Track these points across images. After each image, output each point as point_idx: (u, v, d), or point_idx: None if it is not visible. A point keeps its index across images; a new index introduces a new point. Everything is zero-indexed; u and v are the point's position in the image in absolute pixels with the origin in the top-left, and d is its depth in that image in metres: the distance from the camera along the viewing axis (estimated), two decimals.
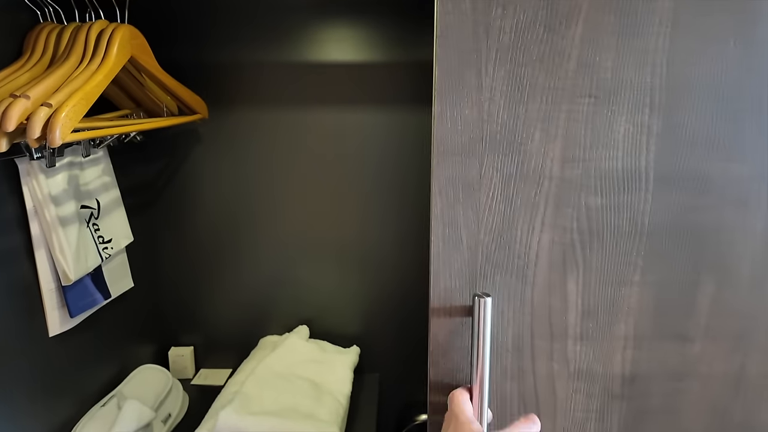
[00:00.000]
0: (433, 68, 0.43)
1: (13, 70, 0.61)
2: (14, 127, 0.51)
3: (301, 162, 0.95)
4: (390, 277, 1.01)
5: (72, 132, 0.54)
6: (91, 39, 0.63)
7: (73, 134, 0.54)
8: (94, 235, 0.76)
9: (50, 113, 0.52)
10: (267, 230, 0.99)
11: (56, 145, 0.51)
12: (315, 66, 0.90)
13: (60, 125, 0.51)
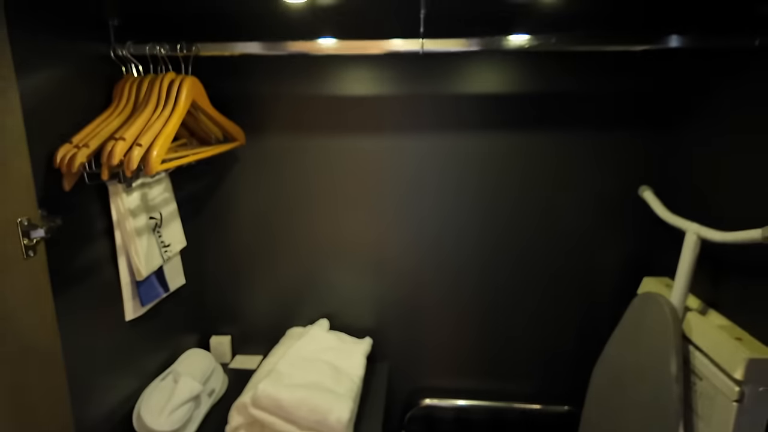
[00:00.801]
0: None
1: (107, 116, 0.79)
2: (117, 162, 0.69)
3: (325, 180, 1.11)
4: (400, 280, 1.16)
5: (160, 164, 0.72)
6: (163, 89, 0.81)
7: (161, 165, 0.72)
8: (158, 240, 0.94)
9: (143, 151, 0.70)
10: (294, 238, 1.15)
11: (150, 174, 0.69)
12: (336, 98, 1.06)
13: (152, 161, 0.69)
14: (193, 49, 0.83)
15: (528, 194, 1.08)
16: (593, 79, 0.99)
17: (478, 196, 1.09)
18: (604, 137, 1.03)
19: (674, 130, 1.00)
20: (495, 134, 1.05)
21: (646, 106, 1.00)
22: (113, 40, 0.83)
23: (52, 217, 0.69)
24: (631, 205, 1.05)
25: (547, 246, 1.11)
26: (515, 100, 1.02)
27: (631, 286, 1.06)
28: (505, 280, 1.14)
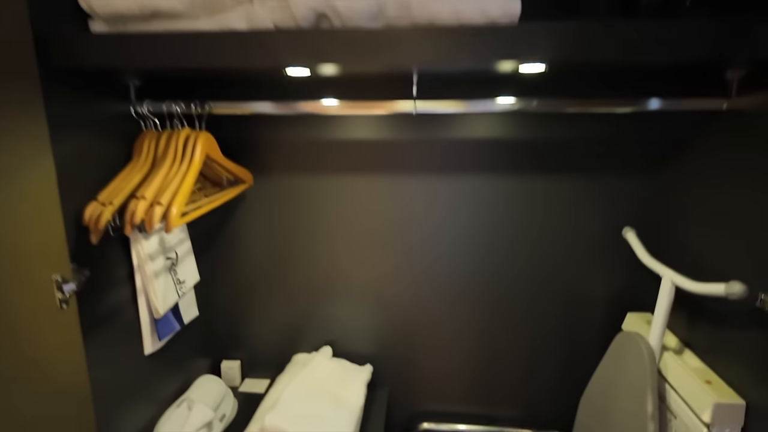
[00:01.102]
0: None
1: (129, 171, 0.87)
2: (140, 221, 0.77)
3: (328, 216, 1.19)
4: (398, 310, 1.23)
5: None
6: (179, 144, 0.89)
7: (180, 221, 0.80)
8: (174, 278, 1.02)
9: (164, 210, 0.78)
10: (300, 269, 1.23)
11: (170, 232, 0.77)
12: (337, 142, 1.14)
13: (172, 219, 0.77)
14: (206, 107, 0.91)
15: (519, 231, 1.14)
16: (581, 128, 1.05)
17: (471, 234, 1.16)
18: (590, 180, 1.09)
19: (655, 176, 1.06)
20: (488, 176, 1.11)
21: (630, 152, 1.06)
22: (133, 98, 0.91)
23: (82, 270, 0.77)
24: (617, 244, 1.11)
25: (537, 280, 1.17)
26: (507, 145, 1.08)
27: (617, 318, 1.12)
28: (498, 311, 1.20)
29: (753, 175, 0.77)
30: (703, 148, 0.91)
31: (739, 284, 0.73)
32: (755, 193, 0.76)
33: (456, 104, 0.87)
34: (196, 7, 0.73)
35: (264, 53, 0.68)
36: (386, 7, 0.69)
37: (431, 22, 0.69)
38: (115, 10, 0.74)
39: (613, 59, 0.63)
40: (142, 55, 0.70)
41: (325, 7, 0.69)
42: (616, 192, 1.09)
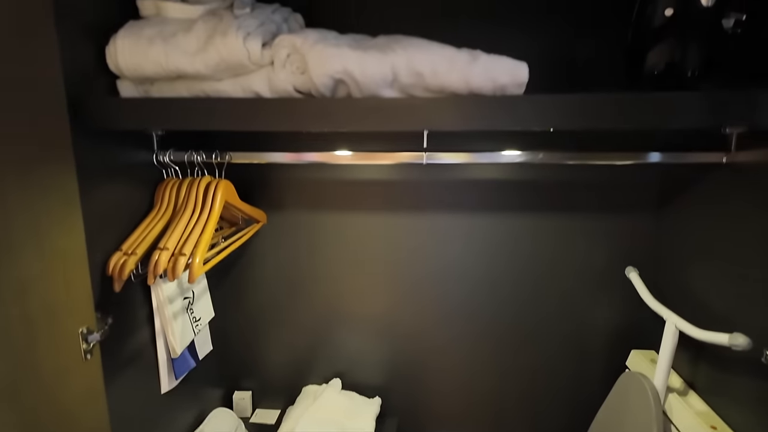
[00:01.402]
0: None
1: (151, 219, 0.91)
2: (162, 271, 0.80)
3: (337, 250, 1.22)
4: (406, 341, 1.26)
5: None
6: (200, 192, 0.92)
7: (202, 268, 0.83)
8: (190, 316, 1.05)
9: (187, 260, 0.81)
10: (309, 302, 1.26)
11: (193, 282, 0.80)
12: (348, 181, 1.17)
13: (195, 270, 0.80)
14: (227, 157, 0.94)
15: (525, 268, 1.17)
16: (585, 171, 1.08)
17: (478, 269, 1.19)
18: (595, 220, 1.12)
19: (658, 217, 1.09)
20: (495, 215, 1.14)
21: (633, 195, 1.09)
22: (156, 149, 0.95)
23: (105, 318, 0.81)
24: (622, 282, 1.13)
25: (542, 315, 1.20)
26: (514, 186, 1.12)
27: (621, 355, 1.14)
28: (504, 345, 1.23)
29: (754, 227, 0.80)
30: (705, 195, 0.94)
31: (742, 336, 0.76)
32: (758, 245, 0.79)
33: (464, 156, 0.91)
34: (220, 70, 0.77)
35: (284, 119, 0.72)
36: (400, 75, 0.72)
37: (442, 89, 0.73)
38: (142, 73, 0.78)
39: (617, 128, 0.66)
40: (168, 119, 0.74)
41: (343, 74, 0.73)
42: (621, 232, 1.12)
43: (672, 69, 0.70)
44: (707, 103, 0.64)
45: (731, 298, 0.86)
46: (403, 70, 0.73)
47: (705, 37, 0.67)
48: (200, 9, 0.82)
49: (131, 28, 0.79)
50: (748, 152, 0.81)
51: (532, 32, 1.01)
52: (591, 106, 0.65)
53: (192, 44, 0.76)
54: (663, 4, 0.68)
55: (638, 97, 0.65)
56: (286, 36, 0.75)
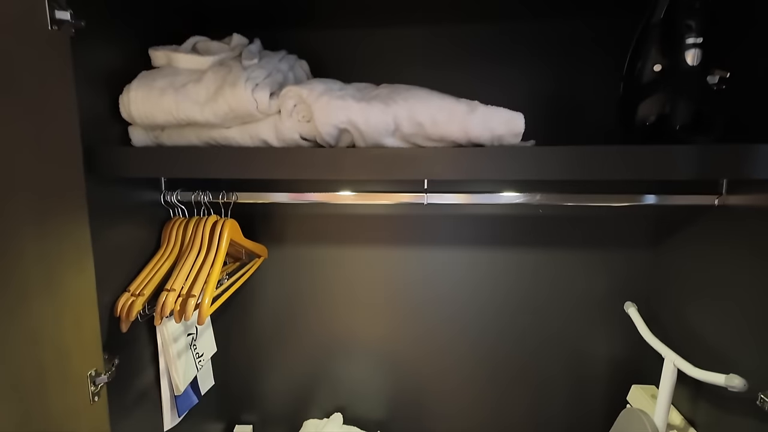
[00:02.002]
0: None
1: (158, 259, 0.93)
2: (169, 312, 0.82)
3: (338, 283, 1.24)
4: (406, 376, 1.27)
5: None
6: (206, 232, 0.95)
7: (211, 309, 0.85)
8: (193, 353, 1.06)
9: (196, 301, 0.83)
10: (310, 335, 1.27)
11: (203, 324, 0.82)
12: (348, 216, 1.20)
13: (204, 312, 0.82)
14: (233, 197, 0.97)
15: (526, 301, 1.19)
16: (582, 208, 1.11)
17: (478, 304, 1.20)
18: (594, 254, 1.14)
19: (654, 254, 1.11)
20: (495, 249, 1.17)
21: (629, 231, 1.12)
22: (164, 189, 0.98)
23: (112, 359, 0.82)
24: (621, 316, 1.15)
25: (544, 348, 1.21)
26: (513, 220, 1.14)
27: (622, 389, 1.15)
28: (505, 377, 1.23)
29: (746, 268, 0.82)
30: (699, 234, 0.96)
31: (738, 378, 0.77)
32: (750, 286, 0.81)
33: (464, 197, 0.94)
34: (229, 119, 0.80)
35: (290, 167, 0.74)
36: (401, 125, 0.76)
37: (442, 138, 0.76)
38: (153, 121, 0.81)
39: (608, 178, 0.69)
40: (178, 167, 0.77)
41: (347, 124, 0.76)
42: (619, 267, 1.14)
43: (663, 121, 0.73)
44: (703, 157, 0.67)
45: (728, 337, 0.88)
46: (404, 121, 0.76)
47: (692, 92, 0.70)
48: (210, 60, 0.85)
49: (144, 78, 0.82)
50: (738, 196, 0.84)
51: (527, 75, 1.06)
52: (589, 158, 0.68)
53: (202, 94, 0.80)
54: (652, 60, 0.72)
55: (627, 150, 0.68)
56: (293, 87, 0.79)
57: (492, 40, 1.06)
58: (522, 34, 1.05)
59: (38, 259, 0.65)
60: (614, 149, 0.68)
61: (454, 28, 1.06)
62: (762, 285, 0.78)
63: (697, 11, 0.69)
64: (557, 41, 1.04)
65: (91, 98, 0.79)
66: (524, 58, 1.05)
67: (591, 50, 1.03)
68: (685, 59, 0.68)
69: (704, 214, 0.94)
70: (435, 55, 1.07)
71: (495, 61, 1.06)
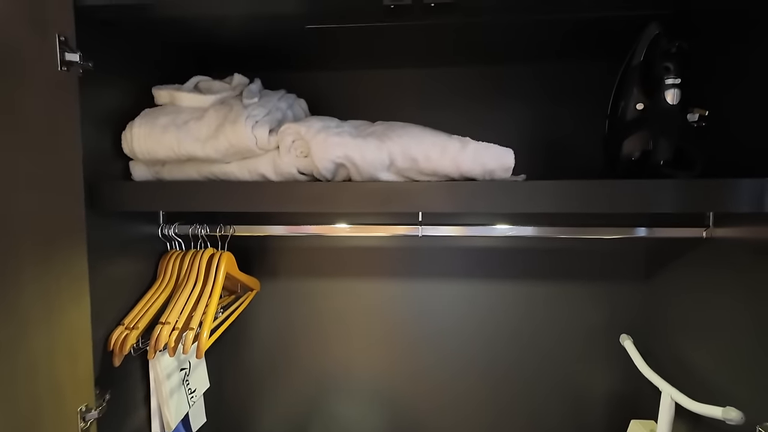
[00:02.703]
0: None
1: (153, 292, 0.93)
2: (163, 346, 0.82)
3: (331, 316, 1.23)
4: (404, 411, 1.24)
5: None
6: (203, 264, 0.95)
7: (209, 342, 0.85)
8: (186, 389, 1.04)
9: (194, 335, 0.83)
10: (303, 370, 1.25)
11: (201, 357, 0.81)
12: (341, 248, 1.21)
13: (203, 343, 0.82)
14: (230, 230, 0.98)
15: (521, 335, 1.19)
16: (574, 241, 1.13)
17: (475, 336, 1.20)
18: (588, 287, 1.15)
19: (649, 284, 1.13)
20: (489, 281, 1.18)
21: (621, 263, 1.13)
22: (162, 222, 0.99)
23: (103, 394, 0.81)
24: (618, 350, 1.14)
25: (539, 380, 1.20)
26: (506, 253, 1.16)
27: (621, 425, 1.13)
28: (502, 411, 1.21)
29: (737, 301, 0.83)
30: (690, 267, 0.98)
31: (735, 411, 0.77)
32: (742, 319, 0.82)
33: (458, 229, 0.96)
34: (229, 155, 0.82)
35: (288, 200, 0.76)
36: (396, 160, 0.78)
37: (435, 173, 0.78)
38: (155, 156, 0.84)
39: (593, 211, 0.71)
40: (178, 202, 0.78)
41: (344, 159, 0.78)
42: (613, 300, 1.14)
43: (647, 157, 0.76)
44: (684, 191, 0.69)
45: (724, 370, 0.88)
46: (398, 156, 0.78)
47: (673, 129, 0.73)
48: (212, 98, 0.88)
49: (147, 116, 0.85)
50: (724, 229, 0.86)
51: (514, 112, 1.10)
52: (576, 191, 0.70)
53: (203, 131, 0.83)
54: (634, 99, 0.76)
55: (617, 183, 0.70)
56: (291, 125, 0.82)
57: (481, 82, 1.11)
58: (511, 77, 1.10)
59: (37, 293, 0.65)
60: (597, 183, 0.70)
61: (447, 71, 1.11)
62: (751, 316, 0.79)
63: (674, 55, 0.73)
64: (545, 84, 1.09)
65: (94, 135, 0.81)
66: (513, 100, 1.10)
67: (577, 93, 1.08)
68: (665, 98, 0.72)
69: (694, 247, 0.96)
70: (429, 96, 1.12)
71: (485, 103, 1.11)
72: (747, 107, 0.76)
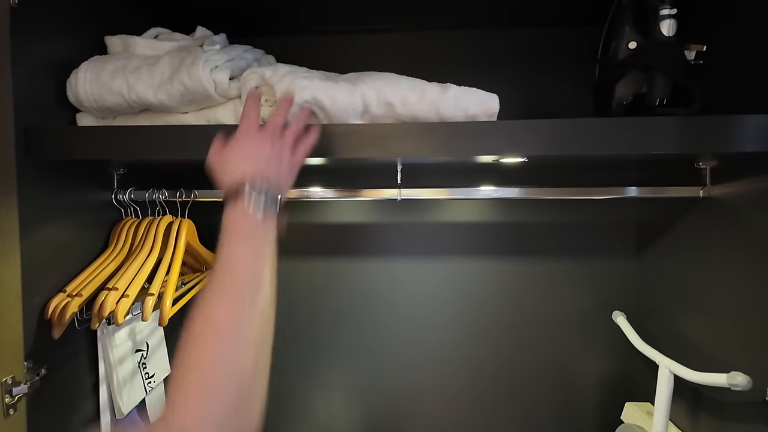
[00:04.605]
0: None
1: (102, 260, 0.83)
2: (108, 313, 0.72)
3: (309, 300, 1.15)
4: (384, 397, 1.15)
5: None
6: (160, 232, 0.86)
7: (172, 310, 0.76)
8: (143, 372, 0.94)
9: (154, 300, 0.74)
10: (281, 354, 1.16)
11: (164, 324, 0.73)
12: (316, 225, 1.13)
13: (167, 311, 0.73)
14: (192, 195, 0.90)
15: (507, 316, 1.11)
16: (563, 213, 1.07)
17: (460, 317, 1.12)
18: (577, 263, 1.09)
19: (641, 259, 1.07)
20: (473, 259, 1.11)
21: (613, 236, 1.07)
22: (116, 187, 0.90)
23: (37, 369, 0.71)
24: (610, 330, 1.08)
25: (529, 366, 1.12)
26: (492, 228, 1.09)
27: (615, 408, 1.06)
28: (489, 397, 1.14)
29: (735, 264, 0.77)
30: (684, 237, 0.92)
31: (741, 375, 0.70)
32: (739, 284, 0.76)
33: (438, 192, 0.88)
34: (185, 102, 0.75)
35: None
36: (370, 105, 0.71)
37: (414, 120, 0.71)
38: (103, 104, 0.75)
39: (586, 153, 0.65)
40: (131, 148, 0.70)
41: (313, 103, 0.71)
42: (604, 276, 1.08)
43: (640, 99, 0.70)
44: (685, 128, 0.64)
45: (723, 340, 0.81)
46: (373, 101, 0.72)
47: (669, 64, 0.68)
48: (169, 45, 0.81)
49: (95, 61, 0.77)
50: (723, 185, 0.81)
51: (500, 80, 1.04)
52: (571, 131, 0.64)
53: (157, 76, 0.75)
54: (626, 38, 0.70)
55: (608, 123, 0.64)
56: (256, 68, 0.74)
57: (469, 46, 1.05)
58: (497, 41, 1.04)
59: None
60: (591, 122, 0.64)
61: (434, 35, 1.05)
62: (755, 278, 0.73)
63: None
64: (532, 48, 1.04)
65: (35, 82, 0.72)
66: (499, 64, 1.05)
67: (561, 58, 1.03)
68: (661, 30, 0.66)
69: (689, 209, 0.90)
70: (415, 59, 1.06)
71: (472, 67, 1.05)
72: (742, 43, 0.71)
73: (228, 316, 0.44)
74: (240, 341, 0.44)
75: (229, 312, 0.44)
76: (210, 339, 0.42)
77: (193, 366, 0.40)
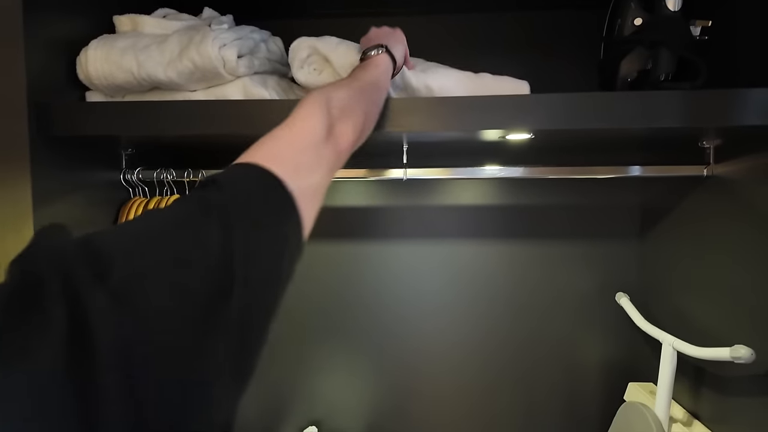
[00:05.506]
0: None
1: None
2: None
3: (312, 282, 1.16)
4: (384, 381, 1.16)
5: None
6: None
7: None
8: None
9: None
10: (276, 339, 1.17)
11: None
12: (329, 208, 1.14)
13: None
14: (200, 175, 0.91)
15: (510, 298, 1.12)
16: (567, 194, 1.07)
17: (461, 300, 1.13)
18: (581, 245, 1.10)
19: (643, 239, 1.07)
20: (477, 241, 1.11)
21: (616, 216, 1.08)
22: (125, 167, 0.91)
23: None
24: (613, 312, 1.09)
25: (531, 349, 1.13)
26: (496, 210, 1.10)
27: (618, 389, 1.07)
28: (493, 380, 1.14)
29: (738, 241, 0.78)
30: (688, 216, 0.93)
31: (744, 348, 0.71)
32: (743, 260, 0.77)
33: (444, 171, 0.89)
34: (194, 80, 0.75)
35: (260, 120, 0.69)
36: (410, 84, 0.73)
37: None
38: (113, 82, 0.76)
39: (593, 127, 0.65)
40: (140, 124, 0.71)
41: None
42: (607, 258, 1.09)
43: (646, 76, 0.71)
44: (690, 102, 0.64)
45: (727, 319, 0.82)
46: (414, 82, 0.73)
47: (675, 38, 0.68)
48: (178, 24, 0.81)
49: (105, 39, 0.78)
50: (726, 164, 0.82)
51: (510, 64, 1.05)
52: (572, 104, 0.65)
53: (166, 54, 0.75)
54: (632, 14, 0.71)
55: (614, 96, 0.65)
56: (305, 38, 0.78)
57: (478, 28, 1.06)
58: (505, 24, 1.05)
59: None
60: (597, 95, 0.65)
61: (441, 18, 1.06)
62: (758, 254, 0.74)
63: None
64: (540, 31, 1.05)
65: (45, 61, 0.73)
66: (507, 47, 1.05)
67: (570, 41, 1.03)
68: (666, 5, 0.67)
69: (692, 191, 0.91)
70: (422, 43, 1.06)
71: (479, 50, 1.06)
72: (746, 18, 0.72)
73: (376, 82, 0.62)
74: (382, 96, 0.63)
75: (375, 81, 0.62)
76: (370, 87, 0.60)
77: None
